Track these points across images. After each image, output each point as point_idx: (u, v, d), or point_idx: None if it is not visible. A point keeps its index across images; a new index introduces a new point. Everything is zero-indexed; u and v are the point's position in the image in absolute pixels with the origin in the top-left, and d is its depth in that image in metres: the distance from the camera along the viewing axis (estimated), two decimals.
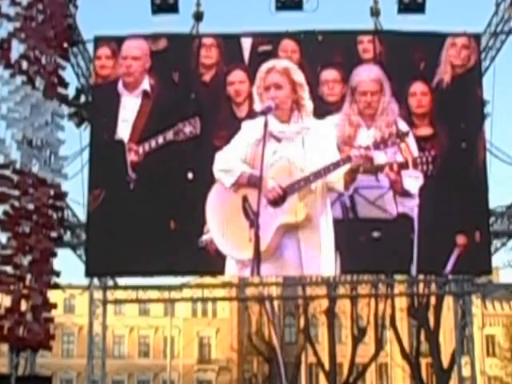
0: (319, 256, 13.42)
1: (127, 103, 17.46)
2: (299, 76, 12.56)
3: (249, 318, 46.58)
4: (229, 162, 13.00)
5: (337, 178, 12.73)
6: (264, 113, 12.15)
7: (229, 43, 17.74)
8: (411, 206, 16.26)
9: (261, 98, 12.50)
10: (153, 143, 17.11)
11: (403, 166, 15.04)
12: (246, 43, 17.57)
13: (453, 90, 17.19)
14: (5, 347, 16.73)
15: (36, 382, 17.17)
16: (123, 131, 17.33)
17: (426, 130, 16.76)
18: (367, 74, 16.73)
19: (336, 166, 12.73)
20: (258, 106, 12.55)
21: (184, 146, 17.06)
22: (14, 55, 17.22)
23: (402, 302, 37.68)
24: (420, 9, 18.19)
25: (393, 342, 40.76)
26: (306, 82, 12.55)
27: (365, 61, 17.23)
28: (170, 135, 17.04)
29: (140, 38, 17.82)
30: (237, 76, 17.05)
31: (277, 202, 12.66)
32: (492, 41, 18.84)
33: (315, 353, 37.42)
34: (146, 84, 17.44)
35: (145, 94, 17.45)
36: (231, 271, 15.14)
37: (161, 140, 17.07)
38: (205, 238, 15.65)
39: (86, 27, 19.18)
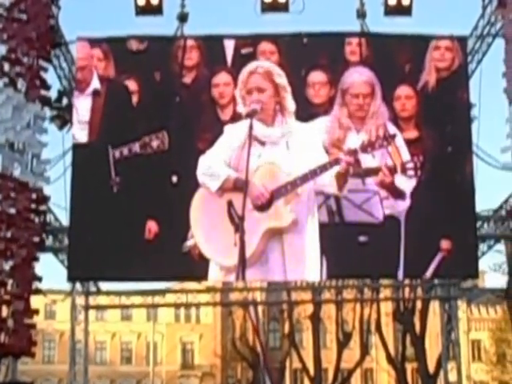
0: (304, 261, 13.26)
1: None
2: (282, 78, 12.40)
3: (233, 323, 46.41)
4: (213, 166, 12.82)
5: (328, 181, 12.56)
6: (249, 115, 12.00)
7: (211, 45, 17.59)
8: (400, 210, 16.14)
9: (244, 102, 12.35)
10: (134, 147, 16.95)
11: (392, 170, 14.92)
12: (229, 45, 17.42)
13: (438, 93, 17.10)
14: None
15: None
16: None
17: (411, 134, 16.65)
18: (359, 77, 16.57)
19: (323, 169, 12.54)
20: (241, 109, 12.40)
21: (168, 149, 16.89)
22: None
23: (387, 307, 37.60)
24: (407, 11, 18.09)
25: (378, 347, 40.79)
26: (289, 84, 12.36)
27: (351, 63, 17.13)
28: (136, 147, 16.88)
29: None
30: (221, 78, 16.89)
31: (263, 206, 12.49)
32: (478, 43, 18.76)
33: (300, 358, 37.35)
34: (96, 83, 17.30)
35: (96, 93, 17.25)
36: (215, 276, 14.95)
37: (137, 149, 16.91)
38: (189, 243, 15.47)
39: (68, 29, 19.00)
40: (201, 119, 16.91)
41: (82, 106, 17.31)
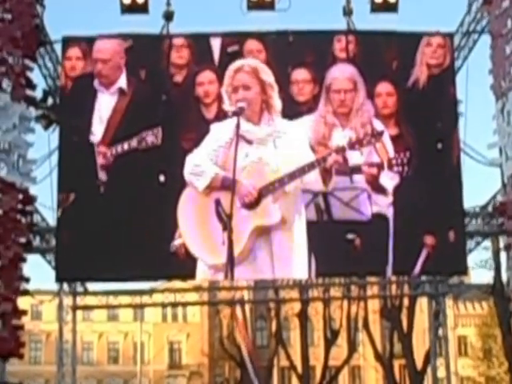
0: (292, 259, 13.26)
1: (103, 102, 17.22)
2: (268, 76, 12.36)
3: (220, 322, 46.39)
4: (200, 165, 12.78)
5: (314, 178, 12.54)
6: (236, 114, 11.95)
7: (198, 43, 17.55)
8: (386, 206, 16.14)
9: (230, 99, 12.31)
10: (123, 146, 16.88)
11: (379, 166, 14.91)
12: (215, 43, 17.37)
13: (429, 90, 17.12)
14: None
15: None
16: (97, 131, 17.06)
17: (392, 131, 16.63)
18: (341, 73, 16.55)
19: (311, 167, 12.53)
20: (227, 107, 12.36)
21: (155, 149, 16.84)
22: None
23: (374, 304, 37.64)
24: (393, 8, 18.10)
25: (366, 344, 40.85)
26: (276, 82, 12.34)
27: (339, 60, 17.12)
28: (134, 143, 16.83)
29: (112, 38, 17.56)
30: (206, 77, 16.83)
31: (251, 204, 12.46)
32: (464, 40, 18.81)
33: (288, 356, 37.36)
34: (122, 82, 17.19)
35: (121, 92, 17.20)
36: (203, 275, 14.93)
37: (126, 146, 16.83)
38: (176, 242, 15.41)
39: (53, 27, 18.88)
40: (186, 118, 16.86)
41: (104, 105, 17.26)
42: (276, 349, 40.78)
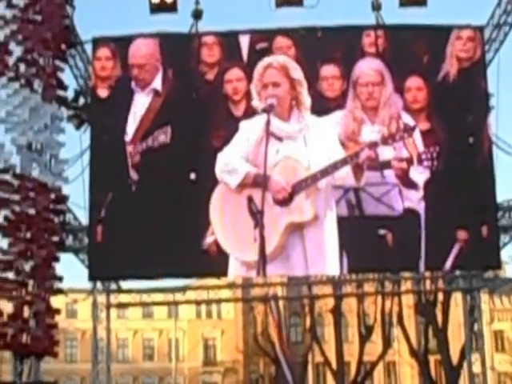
0: (324, 255, 13.24)
1: (138, 102, 17.30)
2: (297, 73, 12.34)
3: (254, 318, 46.36)
4: (231, 163, 12.80)
5: (345, 174, 12.53)
6: (266, 110, 11.97)
7: (228, 41, 17.60)
8: (417, 200, 16.07)
9: (259, 96, 12.31)
10: (142, 145, 16.98)
11: (408, 161, 14.86)
12: (244, 41, 17.44)
13: (459, 84, 17.03)
14: (7, 354, 16.54)
15: None
16: (130, 131, 17.16)
17: (423, 125, 16.56)
18: (368, 67, 16.56)
19: (343, 162, 12.52)
20: (256, 104, 12.37)
21: (184, 147, 16.88)
22: (12, 58, 17.01)
23: (409, 299, 37.40)
24: (422, 2, 18.03)
25: (400, 340, 40.59)
26: (305, 78, 12.32)
27: (368, 55, 17.07)
28: (149, 141, 16.91)
29: (144, 39, 17.63)
30: (234, 74, 16.88)
31: (285, 201, 12.47)
32: (495, 33, 18.68)
33: (322, 352, 37.24)
34: (156, 83, 17.30)
35: (155, 93, 17.28)
36: (235, 272, 14.94)
37: (145, 145, 16.92)
38: (208, 239, 15.49)
39: (83, 28, 19.02)
40: (215, 116, 16.89)
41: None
42: (310, 345, 40.67)
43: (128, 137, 17.15)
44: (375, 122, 15.97)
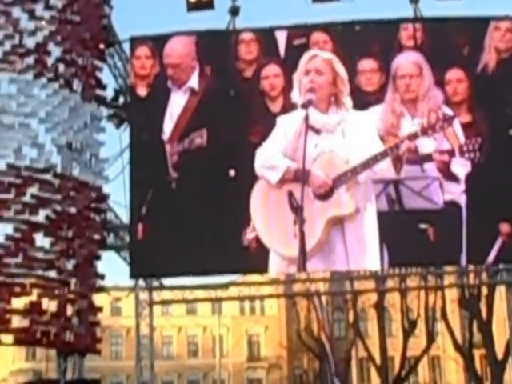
0: (365, 250, 13.24)
1: (174, 100, 17.36)
2: (342, 69, 12.38)
3: (297, 314, 46.30)
4: (271, 158, 12.85)
5: (385, 167, 12.51)
6: (304, 106, 12.00)
7: (265, 37, 17.59)
8: (459, 193, 15.95)
9: (299, 84, 12.33)
10: (184, 144, 17.04)
11: (450, 153, 14.79)
12: (281, 37, 17.41)
13: (498, 75, 16.85)
14: (52, 352, 16.68)
15: None
16: (167, 129, 17.23)
17: (465, 118, 16.41)
18: (406, 59, 16.49)
19: (384, 155, 12.54)
20: (295, 95, 12.39)
21: (223, 144, 16.91)
22: (51, 59, 17.14)
23: (452, 293, 37.07)
24: None
25: (444, 334, 40.26)
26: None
27: (406, 48, 16.95)
28: (186, 144, 16.96)
29: (180, 37, 17.69)
30: (271, 70, 16.88)
31: (326, 195, 12.48)
32: None
33: (365, 347, 37.07)
34: (193, 81, 17.33)
35: (192, 91, 17.32)
36: (276, 268, 14.99)
37: (186, 145, 16.97)
38: (249, 235, 15.51)
39: (121, 27, 19.11)
40: (252, 112, 16.89)
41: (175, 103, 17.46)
42: (354, 340, 40.56)
43: (166, 136, 17.22)
44: (415, 115, 15.87)
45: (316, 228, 12.60)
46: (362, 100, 15.58)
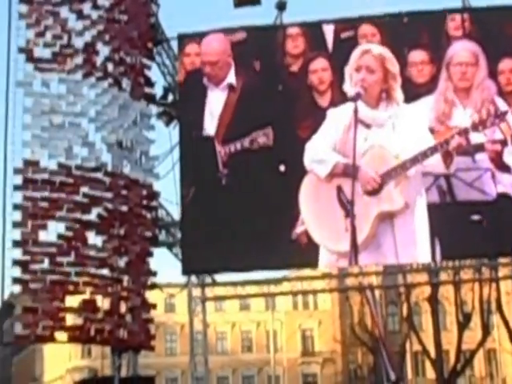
0: (415, 243, 13.19)
1: (213, 98, 17.38)
2: (394, 66, 12.34)
3: (350, 308, 46.16)
4: (320, 153, 12.86)
5: (435, 161, 12.41)
6: (353, 99, 11.97)
7: (312, 31, 17.51)
8: (511, 184, 15.72)
9: (350, 79, 12.32)
10: (236, 146, 17.03)
11: (502, 142, 14.59)
12: (329, 30, 17.29)
13: None
14: (107, 349, 16.81)
15: (139, 383, 17.29)
16: (210, 126, 17.26)
17: None
18: (462, 47, 16.26)
19: (434, 150, 12.45)
20: (347, 87, 12.37)
21: (266, 149, 16.88)
22: (99, 58, 17.28)
23: (507, 285, 36.70)
24: None
25: (500, 327, 39.81)
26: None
27: (454, 39, 16.75)
28: (246, 143, 16.95)
29: (220, 35, 17.71)
30: (319, 64, 16.76)
31: (375, 190, 12.44)
32: None
33: (420, 341, 36.84)
34: (231, 78, 17.31)
35: (230, 87, 17.32)
36: (326, 262, 14.96)
37: (239, 146, 16.96)
38: (298, 229, 15.47)
39: (168, 25, 19.17)
40: (300, 106, 16.81)
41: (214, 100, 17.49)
42: (408, 334, 40.32)
43: (209, 133, 17.23)
44: (467, 105, 15.65)
45: (365, 223, 12.62)
46: (413, 92, 15.42)
